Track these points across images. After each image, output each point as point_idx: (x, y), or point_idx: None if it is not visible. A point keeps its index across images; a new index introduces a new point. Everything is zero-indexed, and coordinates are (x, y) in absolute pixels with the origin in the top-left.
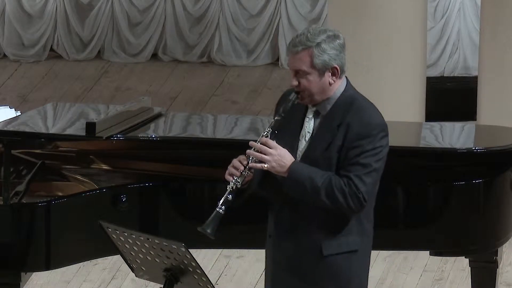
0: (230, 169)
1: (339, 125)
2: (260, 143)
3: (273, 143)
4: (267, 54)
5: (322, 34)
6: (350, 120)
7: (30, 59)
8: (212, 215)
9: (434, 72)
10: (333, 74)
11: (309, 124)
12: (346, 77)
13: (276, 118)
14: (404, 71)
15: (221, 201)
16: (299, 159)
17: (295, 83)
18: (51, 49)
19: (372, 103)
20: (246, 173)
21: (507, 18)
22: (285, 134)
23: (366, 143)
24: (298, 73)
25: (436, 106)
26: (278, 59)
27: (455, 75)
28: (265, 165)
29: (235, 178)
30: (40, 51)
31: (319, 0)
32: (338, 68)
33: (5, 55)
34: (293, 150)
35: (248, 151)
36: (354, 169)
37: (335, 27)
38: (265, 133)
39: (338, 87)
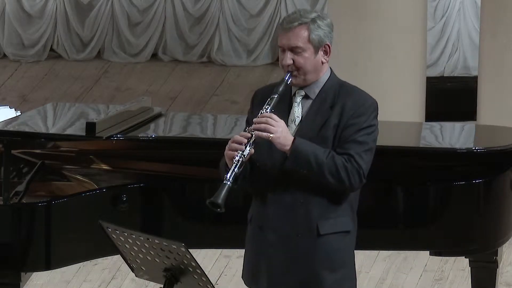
0: (232, 144)
1: (332, 106)
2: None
3: (277, 117)
4: (267, 54)
5: (313, 13)
6: (345, 101)
7: (30, 59)
8: (221, 187)
9: (434, 72)
10: (325, 53)
11: (298, 109)
12: (329, 67)
13: (272, 96)
14: (404, 71)
15: (228, 174)
16: None
17: (290, 61)
18: (51, 49)
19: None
20: (251, 146)
21: (507, 18)
22: None
23: (362, 120)
24: (293, 51)
25: (436, 106)
26: (278, 59)
27: (455, 75)
28: (271, 135)
29: (240, 152)
30: (40, 51)
31: (319, 0)
32: (329, 46)
33: (5, 55)
34: None
35: (254, 125)
36: (353, 146)
37: (335, 27)
38: (264, 110)
39: (325, 71)
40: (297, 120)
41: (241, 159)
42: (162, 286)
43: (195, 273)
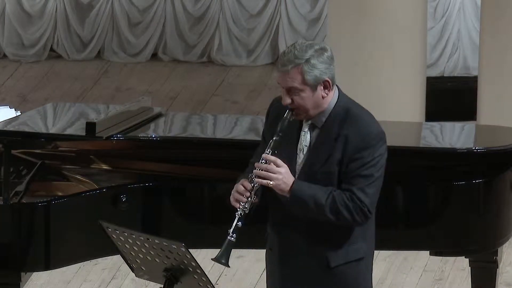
0: (235, 194)
1: (337, 137)
2: (266, 161)
3: (280, 162)
4: (267, 54)
5: (310, 49)
6: (348, 132)
7: (30, 59)
8: (225, 244)
9: (434, 72)
10: (325, 87)
11: (306, 138)
12: (337, 86)
13: (274, 138)
14: (404, 71)
15: (231, 229)
16: (298, 172)
17: (288, 101)
18: (51, 49)
19: (366, 110)
20: (252, 198)
21: (507, 18)
22: (283, 148)
23: (366, 154)
24: (290, 91)
25: (436, 106)
26: (278, 59)
27: (455, 75)
28: (271, 182)
29: (242, 204)
30: (40, 51)
31: (319, 0)
32: (329, 81)
33: (5, 55)
34: (291, 164)
35: (255, 171)
36: (356, 181)
37: (335, 27)
38: (266, 153)
39: (330, 101)
40: (305, 150)
41: (243, 212)
42: (162, 286)
43: (195, 273)
